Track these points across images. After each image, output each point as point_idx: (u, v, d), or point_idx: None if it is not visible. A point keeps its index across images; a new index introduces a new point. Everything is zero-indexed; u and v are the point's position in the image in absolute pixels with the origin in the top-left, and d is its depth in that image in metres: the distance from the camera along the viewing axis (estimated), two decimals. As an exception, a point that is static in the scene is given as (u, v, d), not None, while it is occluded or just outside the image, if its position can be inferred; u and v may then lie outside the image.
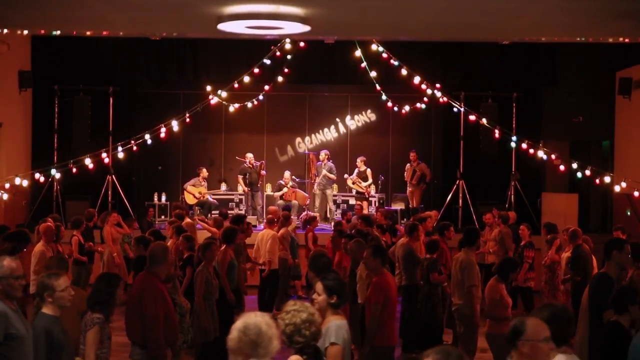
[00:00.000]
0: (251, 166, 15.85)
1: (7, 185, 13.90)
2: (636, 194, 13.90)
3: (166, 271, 6.19)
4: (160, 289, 5.93)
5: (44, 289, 4.93)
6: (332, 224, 15.00)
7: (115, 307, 5.50)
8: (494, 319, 7.28)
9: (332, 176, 16.11)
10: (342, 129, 17.92)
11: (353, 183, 16.17)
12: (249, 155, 15.97)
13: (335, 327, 4.75)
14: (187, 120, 15.63)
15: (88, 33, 12.49)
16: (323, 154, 16.25)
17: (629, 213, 15.12)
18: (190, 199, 15.69)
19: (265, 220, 12.82)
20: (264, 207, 15.76)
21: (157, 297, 5.83)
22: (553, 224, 11.38)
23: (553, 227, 11.16)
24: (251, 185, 15.87)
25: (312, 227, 12.92)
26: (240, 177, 16.04)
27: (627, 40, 11.62)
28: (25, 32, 12.97)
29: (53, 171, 14.65)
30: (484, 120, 15.45)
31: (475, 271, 8.00)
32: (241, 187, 16.26)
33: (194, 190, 15.70)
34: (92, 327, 5.20)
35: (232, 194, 16.44)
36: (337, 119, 17.90)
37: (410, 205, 16.05)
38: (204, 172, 15.92)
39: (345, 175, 16.36)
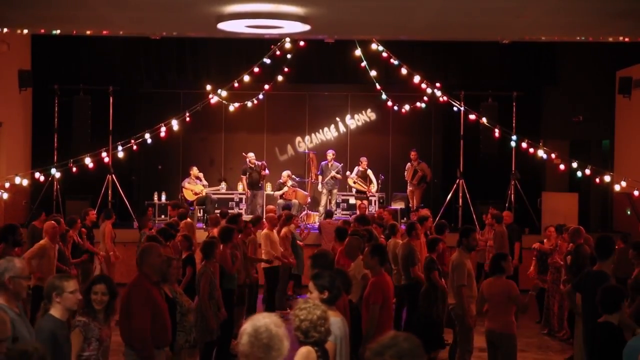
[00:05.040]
0: (252, 166, 15.84)
1: (7, 185, 13.91)
2: (636, 193, 13.90)
3: (158, 272, 6.15)
4: (147, 289, 5.85)
5: (53, 289, 4.88)
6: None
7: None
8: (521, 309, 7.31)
9: (339, 176, 16.15)
10: (342, 129, 17.94)
11: (354, 182, 16.18)
12: (250, 155, 15.96)
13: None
14: (187, 119, 15.63)
15: (88, 33, 12.47)
16: (330, 154, 16.23)
17: (629, 212, 15.13)
18: (189, 195, 15.70)
19: (264, 220, 12.75)
20: (264, 206, 15.73)
21: (143, 298, 5.76)
22: (561, 224, 11.35)
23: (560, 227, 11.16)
24: (252, 185, 15.86)
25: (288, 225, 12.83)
26: (243, 177, 16.04)
27: (627, 40, 11.61)
28: (25, 32, 12.96)
29: (53, 171, 14.64)
30: (484, 120, 15.46)
31: (464, 271, 7.96)
32: (241, 187, 16.26)
33: (193, 187, 15.71)
34: (73, 329, 5.15)
35: (232, 194, 16.45)
36: (337, 119, 17.92)
37: (410, 205, 16.06)
38: (195, 171, 15.92)
39: (347, 173, 16.38)
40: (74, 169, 14.62)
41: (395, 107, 16.74)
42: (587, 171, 14.45)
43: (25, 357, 3.61)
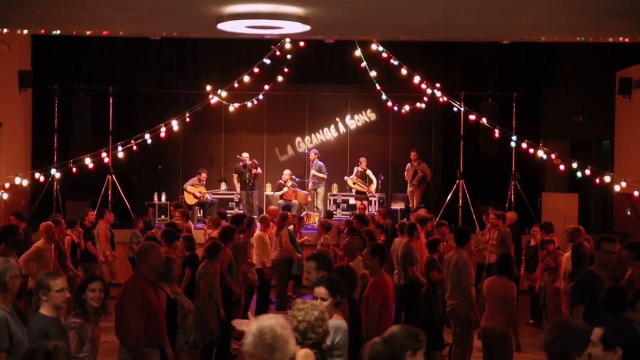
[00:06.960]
0: (244, 165, 15.80)
1: (7, 185, 13.90)
2: (636, 193, 13.90)
3: (156, 271, 6.14)
4: (142, 289, 5.86)
5: (40, 287, 4.92)
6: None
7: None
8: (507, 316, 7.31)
9: (321, 175, 16.14)
10: (342, 129, 17.93)
11: (354, 183, 16.17)
12: (244, 155, 15.94)
13: (333, 326, 4.75)
14: (187, 120, 15.63)
15: (88, 33, 12.48)
16: (312, 154, 16.29)
17: (629, 213, 15.13)
18: (190, 199, 15.69)
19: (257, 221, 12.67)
20: (264, 207, 15.70)
21: (135, 297, 5.78)
22: (549, 222, 11.38)
23: (549, 225, 11.20)
24: (243, 185, 15.81)
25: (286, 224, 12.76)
26: (234, 177, 16.02)
27: (627, 40, 11.61)
28: (25, 32, 12.96)
29: (53, 171, 14.65)
30: (484, 120, 15.45)
31: (470, 271, 8.00)
32: (239, 187, 16.28)
33: (194, 190, 15.70)
34: (69, 331, 5.17)
35: (232, 194, 16.45)
36: (337, 119, 17.90)
37: (410, 205, 16.06)
38: (203, 176, 15.89)
39: (346, 177, 16.37)
40: (74, 169, 14.62)
41: (395, 108, 16.72)
42: (587, 171, 14.45)
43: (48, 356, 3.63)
